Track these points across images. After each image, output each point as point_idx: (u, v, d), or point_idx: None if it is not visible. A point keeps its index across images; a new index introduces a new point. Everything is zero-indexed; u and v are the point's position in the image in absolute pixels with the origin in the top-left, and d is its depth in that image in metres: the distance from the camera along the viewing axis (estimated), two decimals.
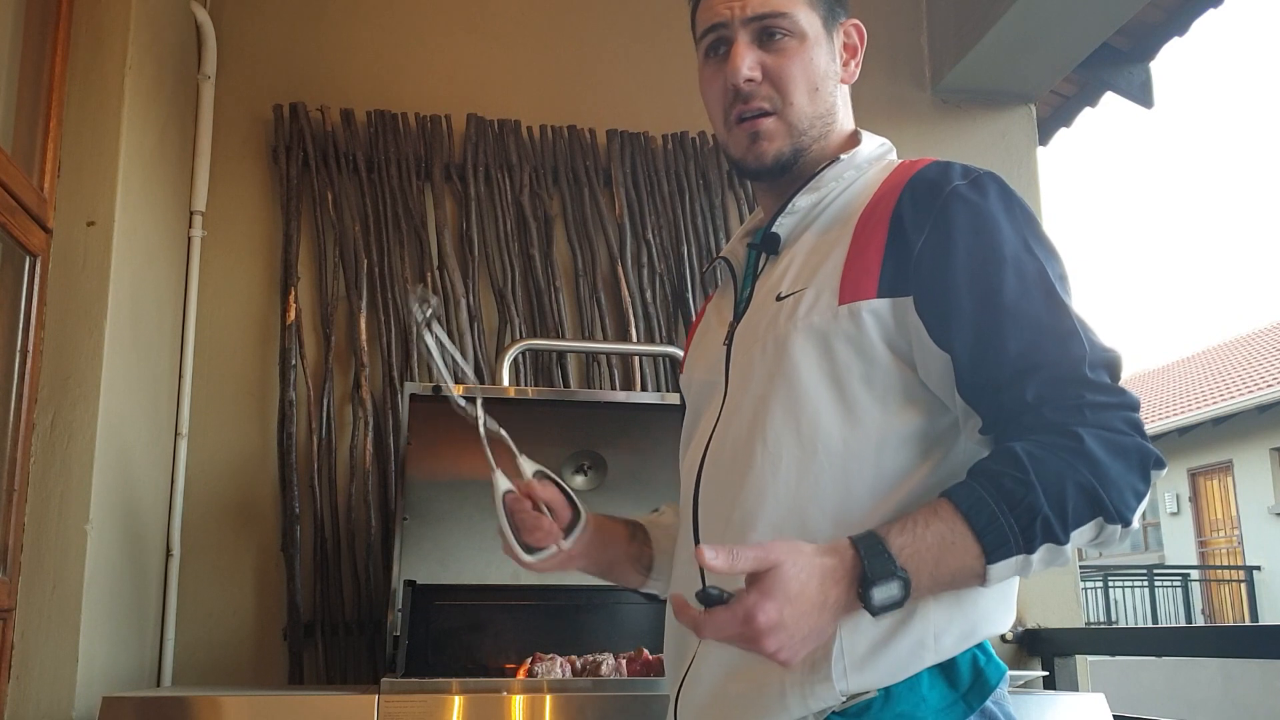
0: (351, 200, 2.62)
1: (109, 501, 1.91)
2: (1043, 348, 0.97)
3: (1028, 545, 0.90)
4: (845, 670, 0.96)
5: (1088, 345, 0.97)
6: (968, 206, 1.02)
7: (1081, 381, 0.95)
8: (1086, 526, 0.91)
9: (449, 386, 1.17)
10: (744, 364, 1.12)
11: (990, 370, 0.97)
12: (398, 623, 2.08)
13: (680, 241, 2.77)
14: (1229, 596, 13.71)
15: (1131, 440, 0.93)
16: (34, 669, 1.72)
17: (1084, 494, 0.90)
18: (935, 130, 2.96)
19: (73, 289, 1.87)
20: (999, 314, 0.98)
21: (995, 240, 1.00)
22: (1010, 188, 1.06)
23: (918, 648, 0.97)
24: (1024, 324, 0.97)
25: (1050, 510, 0.89)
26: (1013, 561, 0.90)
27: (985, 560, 0.90)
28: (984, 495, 0.91)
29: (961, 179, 1.04)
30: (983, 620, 0.99)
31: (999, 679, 0.99)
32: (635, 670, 1.94)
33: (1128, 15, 2.78)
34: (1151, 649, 6.07)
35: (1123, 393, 0.96)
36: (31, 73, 1.87)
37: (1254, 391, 12.97)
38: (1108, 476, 0.90)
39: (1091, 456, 0.91)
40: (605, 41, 2.89)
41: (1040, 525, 0.90)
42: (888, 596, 0.89)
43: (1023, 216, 1.03)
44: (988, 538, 0.90)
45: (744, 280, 1.21)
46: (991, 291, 0.98)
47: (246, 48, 2.67)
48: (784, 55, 1.14)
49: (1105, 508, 0.90)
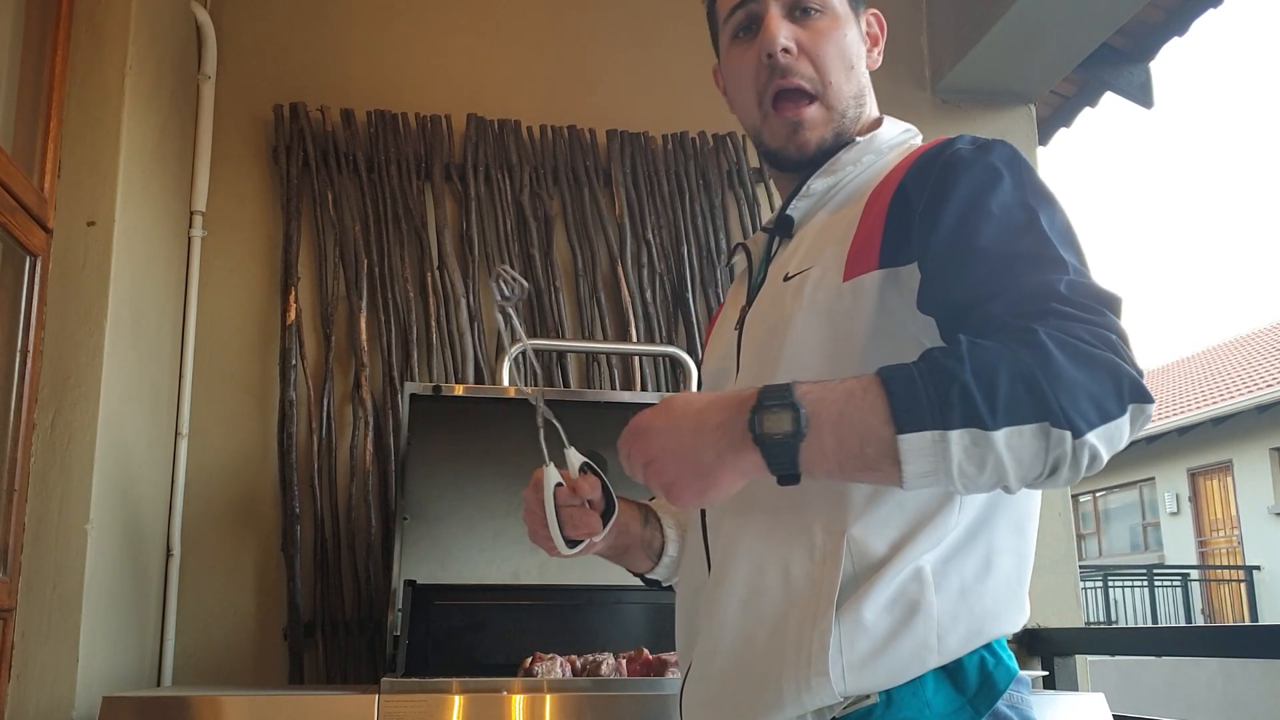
0: (352, 200, 2.62)
1: (109, 501, 1.91)
2: (1015, 274, 0.89)
3: (943, 418, 0.78)
4: (844, 671, 0.91)
5: (1073, 273, 0.88)
6: (966, 165, 0.97)
7: (1052, 294, 0.85)
8: (1027, 428, 0.78)
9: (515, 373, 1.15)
10: (752, 347, 1.11)
11: (961, 300, 0.91)
12: (398, 622, 2.08)
13: (680, 241, 2.77)
14: (1229, 596, 13.72)
15: (1101, 354, 0.81)
16: (34, 669, 1.72)
17: (1022, 382, 0.79)
18: (935, 130, 2.92)
19: (73, 289, 1.87)
20: (976, 254, 0.91)
21: (988, 193, 0.95)
22: (1020, 154, 1.01)
23: (920, 649, 0.92)
24: (1000, 257, 0.91)
25: (974, 382, 0.79)
26: (927, 437, 0.79)
27: (894, 428, 0.79)
28: (909, 366, 0.83)
29: (967, 144, 1.01)
30: (990, 619, 0.95)
31: (1008, 682, 0.94)
32: (635, 670, 1.94)
33: (1128, 15, 2.78)
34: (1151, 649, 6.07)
35: (1100, 313, 0.85)
36: (32, 73, 1.87)
37: (1254, 391, 12.98)
38: (1058, 375, 0.79)
39: (1040, 349, 0.80)
40: (605, 41, 2.89)
41: (959, 395, 0.79)
42: (777, 426, 0.81)
43: (1027, 173, 0.98)
44: (897, 400, 0.80)
45: (759, 265, 1.19)
46: (971, 237, 0.92)
47: (246, 48, 2.67)
48: (819, 32, 1.11)
49: (1050, 407, 0.78)
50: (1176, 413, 14.11)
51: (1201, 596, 13.71)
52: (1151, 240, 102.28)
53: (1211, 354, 17.22)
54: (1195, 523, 14.71)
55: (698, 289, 2.75)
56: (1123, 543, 16.44)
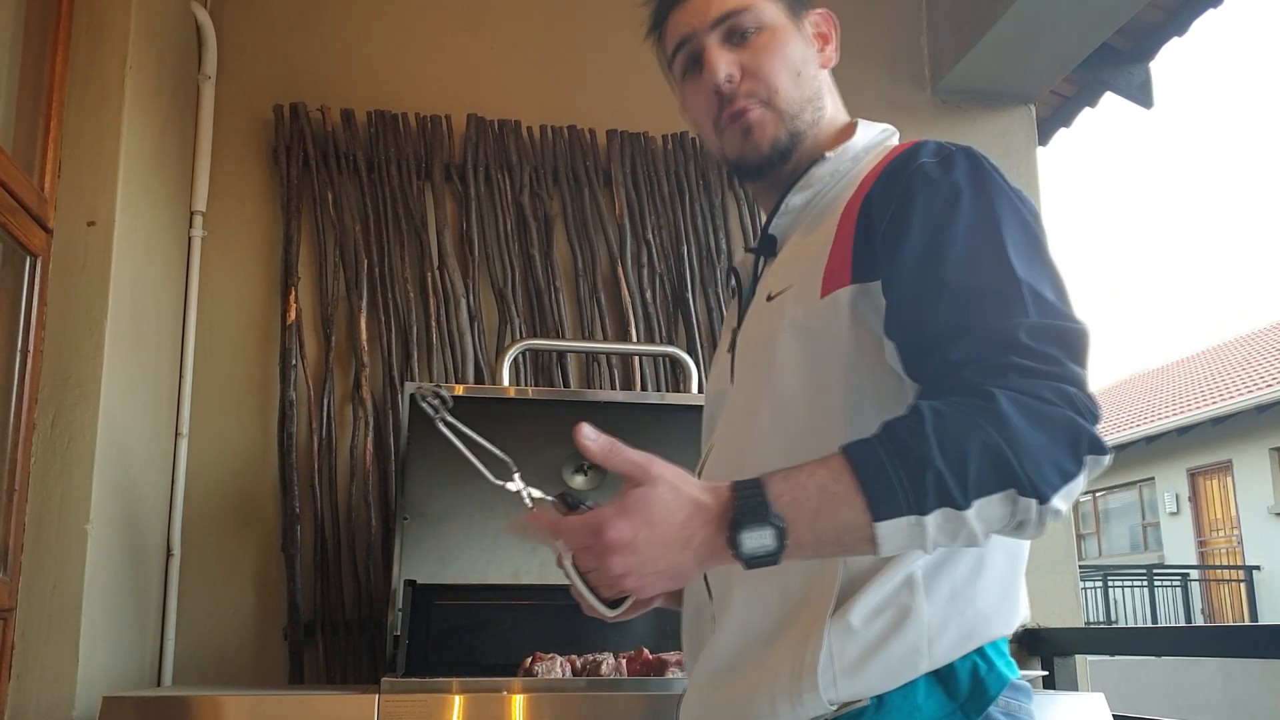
0: (352, 200, 2.62)
1: (109, 501, 1.91)
2: (976, 312, 0.89)
3: (919, 504, 0.81)
4: (835, 678, 0.92)
5: (1033, 312, 0.88)
6: (928, 183, 0.97)
7: (1011, 345, 0.86)
8: (995, 497, 0.81)
9: (485, 472, 1.11)
10: (742, 368, 1.12)
11: (923, 337, 0.91)
12: (398, 622, 2.08)
13: (680, 241, 2.77)
14: (1229, 596, 13.72)
15: (1060, 412, 0.83)
16: (34, 669, 1.72)
17: (990, 456, 0.81)
18: (935, 130, 2.95)
19: (73, 289, 1.87)
20: (939, 287, 0.91)
21: (950, 215, 0.95)
22: (982, 160, 1.00)
23: (911, 654, 0.92)
24: (962, 293, 0.91)
25: (945, 467, 0.80)
26: (903, 523, 0.81)
27: (871, 516, 0.81)
28: (876, 447, 0.83)
29: (931, 156, 1.00)
30: (982, 623, 0.95)
31: (1000, 688, 0.94)
32: (635, 670, 1.94)
33: (1128, 15, 2.78)
34: (1151, 649, 6.07)
35: (1061, 363, 0.86)
36: (32, 73, 1.87)
37: (1253, 391, 12.98)
38: (1021, 443, 0.81)
39: (1003, 418, 0.81)
40: (605, 41, 2.89)
41: (933, 481, 0.80)
42: (758, 544, 0.82)
43: (993, 190, 0.97)
44: (872, 490, 0.81)
45: (748, 285, 1.20)
46: (935, 267, 0.92)
47: (247, 48, 2.67)
48: (757, 49, 1.13)
49: (1016, 477, 0.81)
50: (1176, 413, 14.12)
51: (1201, 596, 13.71)
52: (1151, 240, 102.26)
53: (1211, 354, 17.22)
54: (1195, 523, 14.71)
55: (698, 289, 2.75)
56: (1122, 543, 16.45)
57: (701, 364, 2.61)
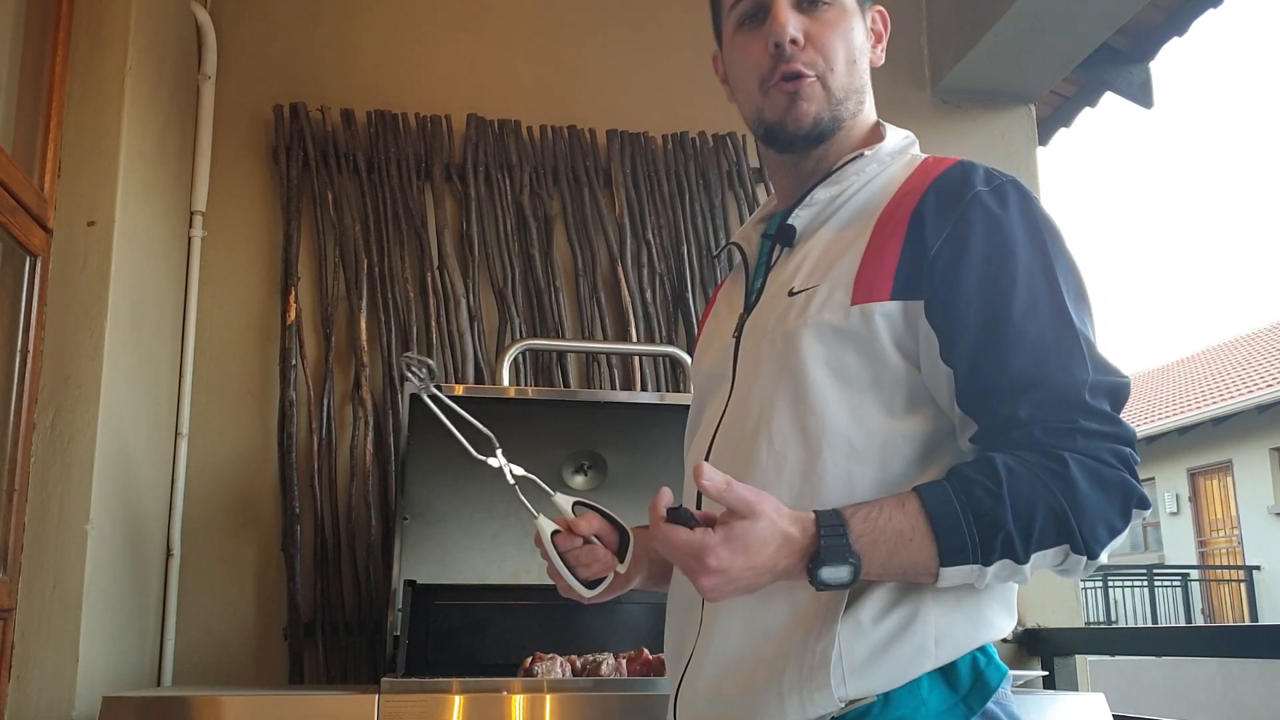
0: (352, 200, 2.62)
1: (109, 501, 1.91)
2: (1044, 366, 0.95)
3: (985, 557, 0.90)
4: (844, 676, 0.95)
5: (1091, 369, 0.95)
6: (987, 216, 1.00)
7: (1078, 405, 0.93)
8: (1050, 551, 0.91)
9: (467, 446, 1.13)
10: (751, 358, 1.10)
11: (988, 383, 0.96)
12: (398, 622, 2.08)
13: (680, 241, 2.77)
14: (1229, 596, 13.72)
15: (1117, 474, 0.92)
16: (34, 669, 1.72)
17: (1054, 518, 0.90)
18: (935, 130, 2.95)
19: (73, 289, 1.87)
20: (1003, 329, 0.96)
21: (1010, 253, 0.98)
22: (1033, 198, 1.03)
23: (918, 653, 0.96)
24: (1028, 341, 0.96)
25: (1015, 528, 0.89)
26: (966, 569, 0.91)
27: (939, 563, 0.91)
28: (952, 499, 0.91)
29: (985, 184, 1.02)
30: (984, 626, 0.99)
31: (1000, 680, 0.98)
32: (635, 670, 1.94)
33: (1128, 15, 2.78)
34: (1151, 649, 6.07)
35: (1119, 423, 0.94)
36: (32, 73, 1.87)
37: (1254, 391, 12.97)
38: (1083, 506, 0.90)
39: (1071, 483, 0.90)
40: (605, 42, 2.89)
41: (1001, 540, 0.90)
42: (835, 578, 0.91)
43: (1044, 229, 1.01)
44: (945, 541, 0.90)
45: (756, 271, 1.19)
46: (999, 306, 0.97)
47: (247, 48, 2.67)
48: (826, 24, 1.12)
49: (1074, 537, 0.90)
50: (1176, 413, 14.12)
51: (1201, 596, 13.70)
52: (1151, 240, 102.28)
53: (1211, 354, 17.22)
54: (1195, 523, 14.70)
55: (698, 289, 2.75)
56: (1123, 542, 16.40)
57: None
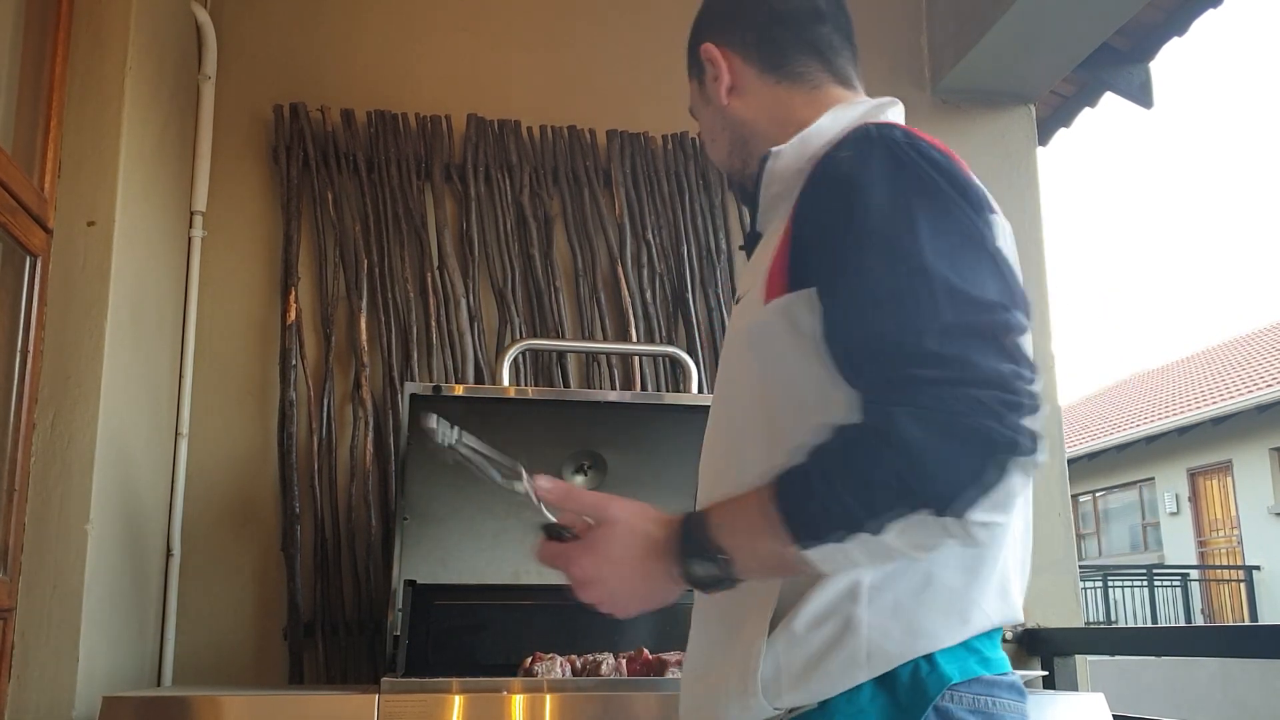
0: (352, 200, 2.62)
1: (109, 501, 1.91)
2: (882, 323, 0.89)
3: (834, 534, 0.85)
4: (780, 687, 0.96)
5: (947, 311, 0.87)
6: (841, 183, 0.96)
7: (914, 356, 0.85)
8: (912, 518, 0.83)
9: (499, 480, 1.12)
10: (721, 363, 1.16)
11: (842, 353, 0.93)
12: (398, 622, 2.08)
13: (680, 241, 2.77)
14: (1228, 596, 13.72)
15: (968, 421, 0.82)
16: (34, 669, 1.72)
17: (892, 483, 0.83)
18: (935, 130, 2.91)
19: (73, 289, 1.87)
20: (852, 293, 0.92)
21: (864, 216, 0.93)
22: (902, 146, 0.97)
23: (850, 665, 0.94)
24: (872, 300, 0.90)
25: (853, 501, 0.84)
26: (828, 549, 0.86)
27: (797, 545, 0.87)
28: (797, 479, 0.88)
29: (848, 149, 0.98)
30: (923, 636, 0.95)
31: (940, 688, 0.94)
32: (635, 670, 1.94)
33: (1128, 15, 2.78)
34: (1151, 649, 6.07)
35: (971, 365, 0.84)
36: (32, 73, 1.87)
37: (1254, 391, 12.97)
38: (923, 463, 0.82)
39: (903, 442, 0.82)
40: (605, 41, 2.89)
41: (844, 516, 0.85)
42: (704, 571, 0.92)
43: (908, 176, 0.94)
44: (793, 523, 0.87)
45: None
46: (849, 272, 0.92)
47: (247, 48, 2.67)
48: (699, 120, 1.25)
49: (924, 498, 0.83)
50: (1176, 413, 14.12)
51: (1201, 596, 13.70)
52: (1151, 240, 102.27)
53: (1211, 354, 17.22)
54: (1195, 523, 14.70)
55: (698, 289, 2.75)
56: (1122, 543, 16.44)
57: (702, 364, 2.61)
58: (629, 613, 0.98)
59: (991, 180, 3.61)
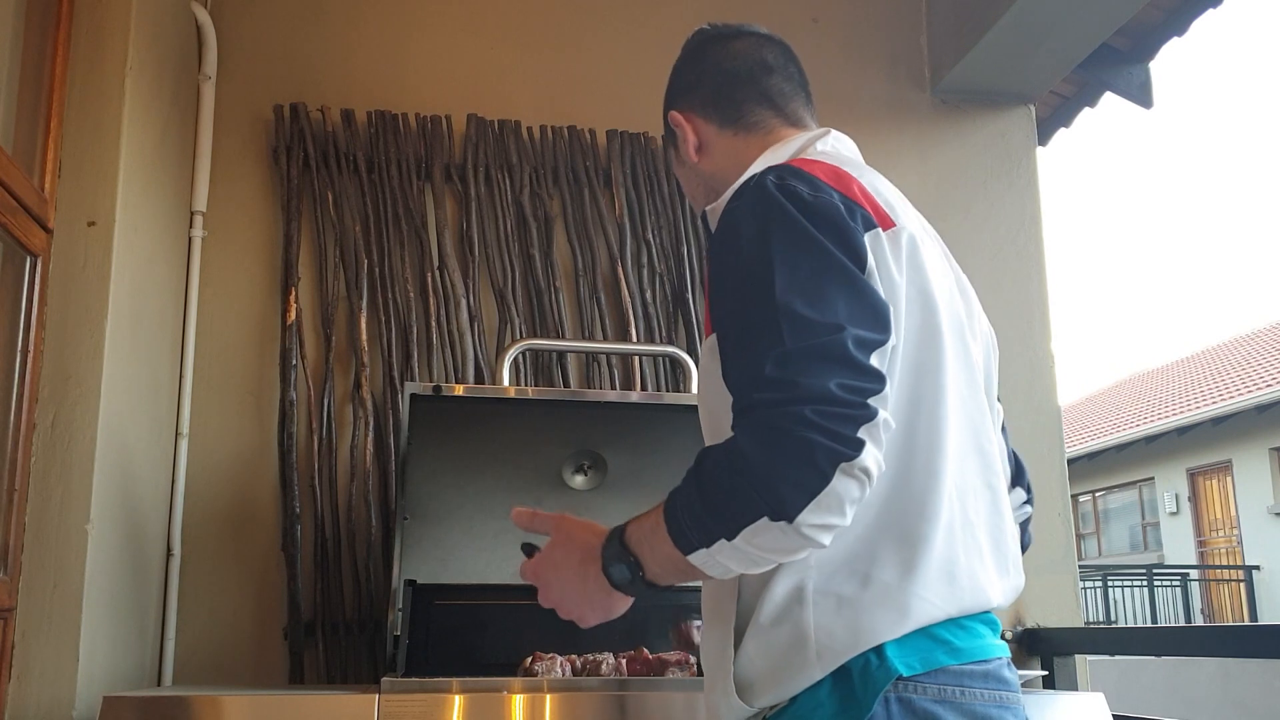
0: (352, 200, 2.62)
1: (109, 501, 1.91)
2: (737, 356, 1.02)
3: (701, 542, 0.97)
4: (755, 691, 1.06)
5: (788, 338, 0.96)
6: (724, 230, 1.09)
7: (754, 381, 0.96)
8: (757, 525, 0.93)
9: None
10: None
11: (728, 383, 1.04)
12: (398, 622, 2.08)
13: (680, 241, 2.77)
14: (1228, 596, 13.72)
15: (795, 434, 0.91)
16: (34, 669, 1.73)
17: (740, 495, 0.93)
18: (934, 131, 2.96)
19: (73, 289, 1.87)
20: (723, 334, 1.06)
21: (729, 258, 1.07)
22: (770, 190, 1.06)
23: (805, 665, 1.03)
24: (733, 338, 1.04)
25: (708, 513, 0.96)
26: (702, 554, 0.97)
27: (681, 551, 0.98)
28: (676, 496, 1.00)
29: (735, 198, 1.10)
30: (867, 632, 1.02)
31: (887, 679, 1.00)
32: (635, 670, 1.94)
33: (1128, 15, 2.78)
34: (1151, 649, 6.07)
35: (796, 386, 0.93)
36: (32, 73, 1.87)
37: (1254, 391, 12.98)
38: (760, 476, 0.92)
39: (740, 457, 0.93)
40: (605, 41, 2.89)
41: (702, 525, 0.96)
42: (620, 575, 1.05)
43: (773, 215, 1.04)
44: (673, 532, 0.99)
45: None
46: (720, 314, 1.07)
47: (247, 48, 2.67)
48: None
49: (760, 505, 0.92)
50: (1176, 413, 14.12)
51: (1201, 596, 13.71)
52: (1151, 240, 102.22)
53: (1211, 354, 17.22)
54: (1195, 523, 14.70)
55: (697, 289, 2.75)
56: (1122, 543, 16.44)
57: None
58: (584, 620, 1.12)
59: (991, 180, 3.62)
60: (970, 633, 1.07)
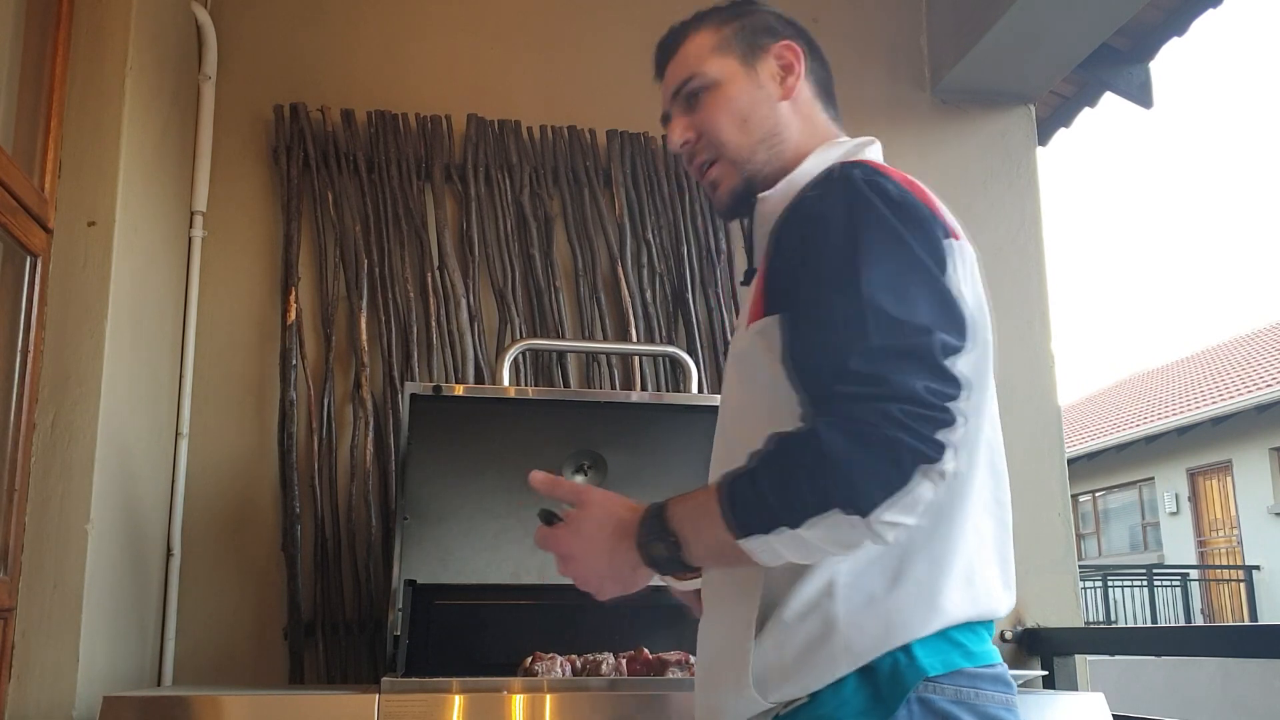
0: (352, 200, 2.62)
1: (109, 501, 1.91)
2: (818, 346, 1.01)
3: (762, 527, 0.96)
4: (773, 684, 1.04)
5: (874, 335, 0.96)
6: (804, 218, 1.07)
7: (839, 374, 0.96)
8: (824, 517, 0.93)
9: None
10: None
11: (792, 371, 1.04)
12: (398, 622, 2.08)
13: (680, 241, 2.77)
14: (1228, 596, 13.72)
15: (881, 432, 0.92)
16: (34, 669, 1.73)
17: (812, 486, 0.93)
18: (935, 131, 2.96)
19: (73, 289, 1.87)
20: (802, 321, 1.04)
21: (815, 247, 1.04)
22: (859, 181, 1.05)
23: (831, 660, 1.02)
24: (814, 326, 1.02)
25: (776, 498, 0.95)
26: (758, 540, 0.96)
27: (734, 536, 0.97)
28: (738, 479, 0.98)
29: (814, 188, 1.09)
30: (899, 627, 1.02)
31: (916, 679, 1.00)
32: (635, 670, 1.94)
33: (1127, 15, 2.78)
34: (1151, 649, 6.07)
35: (885, 382, 0.94)
36: (32, 73, 1.87)
37: (1253, 391, 12.98)
38: (839, 469, 0.92)
39: (821, 449, 0.93)
40: (605, 41, 2.89)
41: (768, 510, 0.95)
42: (659, 555, 1.04)
43: (860, 208, 1.03)
44: (729, 516, 0.98)
45: None
46: (803, 302, 1.04)
47: (247, 48, 2.67)
48: (704, 108, 1.25)
49: (834, 498, 0.92)
50: (1176, 413, 14.12)
51: (1201, 596, 13.71)
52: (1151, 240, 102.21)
53: (1211, 354, 17.22)
54: (1195, 523, 14.71)
55: (698, 289, 2.75)
56: (1122, 543, 16.44)
57: (701, 364, 2.61)
58: (603, 593, 1.09)
59: (991, 180, 3.62)
60: (979, 636, 1.08)
